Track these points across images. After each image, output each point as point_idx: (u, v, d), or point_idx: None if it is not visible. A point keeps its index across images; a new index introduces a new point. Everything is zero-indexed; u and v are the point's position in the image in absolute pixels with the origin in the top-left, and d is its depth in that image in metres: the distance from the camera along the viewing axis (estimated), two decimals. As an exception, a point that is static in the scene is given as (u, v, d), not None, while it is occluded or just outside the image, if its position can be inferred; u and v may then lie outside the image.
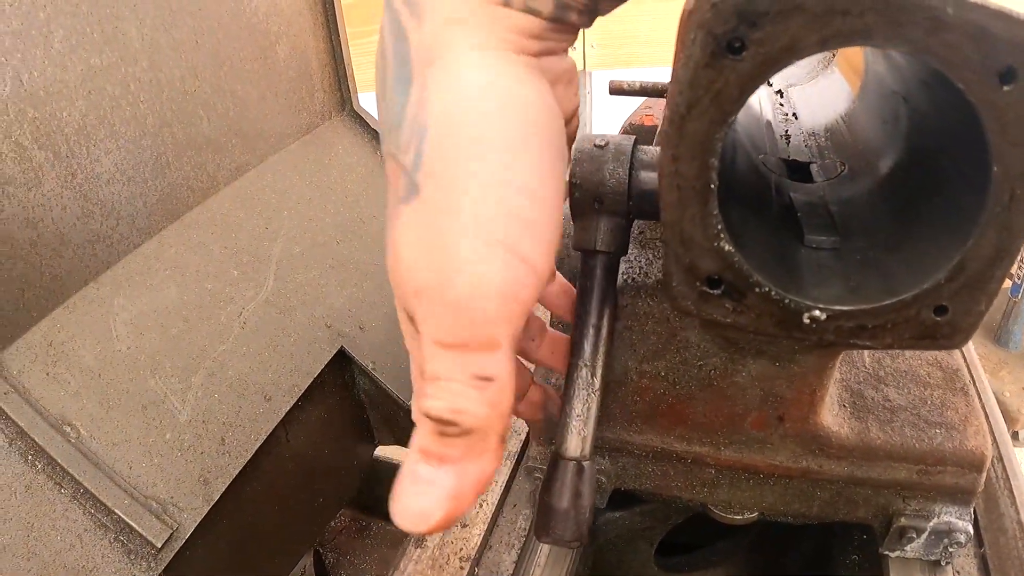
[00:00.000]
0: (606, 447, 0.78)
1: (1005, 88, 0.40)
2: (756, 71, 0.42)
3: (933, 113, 0.53)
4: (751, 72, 0.42)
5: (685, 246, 0.49)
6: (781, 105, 0.91)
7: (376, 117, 1.64)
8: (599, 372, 0.63)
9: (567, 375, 0.64)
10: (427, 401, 0.46)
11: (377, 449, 1.63)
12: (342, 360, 1.38)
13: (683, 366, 0.71)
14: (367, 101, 1.66)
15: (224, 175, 1.33)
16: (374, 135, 1.65)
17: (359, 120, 1.65)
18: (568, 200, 0.62)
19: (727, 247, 0.48)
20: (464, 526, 0.85)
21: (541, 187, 0.45)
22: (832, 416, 0.71)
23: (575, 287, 0.66)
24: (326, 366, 1.32)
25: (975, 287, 0.46)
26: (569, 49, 0.52)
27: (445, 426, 0.46)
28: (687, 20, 0.41)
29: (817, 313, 0.49)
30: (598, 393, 0.63)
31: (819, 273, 0.55)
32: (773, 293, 0.49)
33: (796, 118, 0.87)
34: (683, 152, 0.45)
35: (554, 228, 0.47)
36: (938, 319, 0.48)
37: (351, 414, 1.48)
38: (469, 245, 0.43)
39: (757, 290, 0.49)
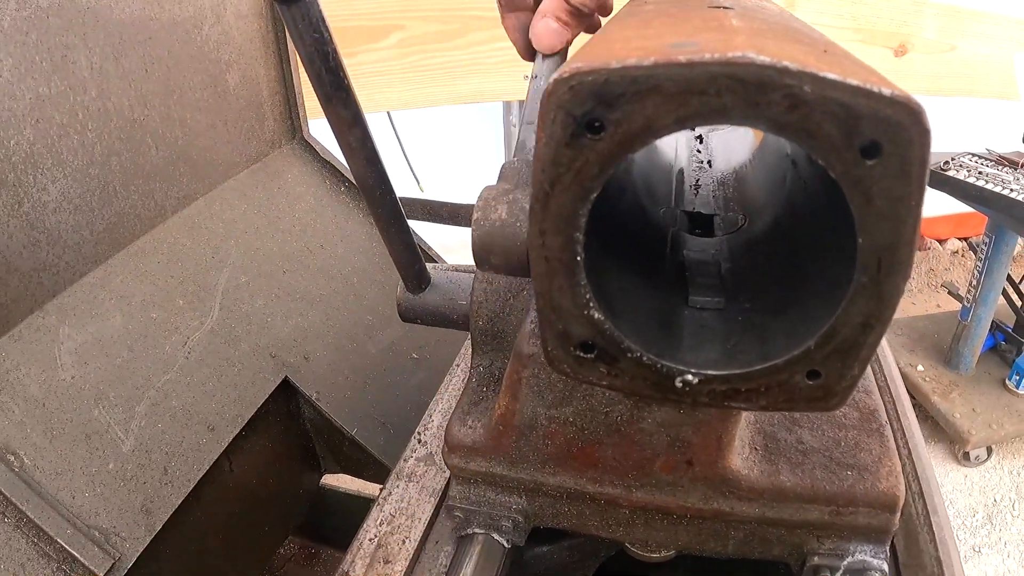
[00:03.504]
0: (522, 487, 0.82)
1: (869, 163, 0.41)
2: (615, 150, 0.44)
3: (814, 180, 0.56)
4: (611, 151, 0.44)
5: (556, 313, 0.52)
6: (699, 152, 0.95)
7: (325, 146, 1.69)
8: None
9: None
10: None
11: (324, 477, 1.67)
12: (286, 390, 1.43)
13: (590, 412, 0.74)
14: (317, 129, 1.70)
15: (172, 204, 1.37)
16: (324, 164, 1.70)
17: (309, 149, 1.70)
18: None
19: (597, 315, 0.51)
20: (387, 562, 0.90)
21: None
22: (742, 459, 0.74)
23: None
24: (270, 396, 1.36)
25: (847, 353, 0.49)
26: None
27: None
28: (547, 100, 0.43)
29: (689, 377, 0.52)
30: None
31: (699, 334, 0.58)
32: (645, 358, 0.52)
33: (710, 166, 0.91)
34: (548, 227, 0.48)
35: None
36: (811, 383, 0.51)
37: (296, 443, 1.52)
38: None
39: (629, 355, 0.52)
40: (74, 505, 1.04)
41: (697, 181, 0.86)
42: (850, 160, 0.42)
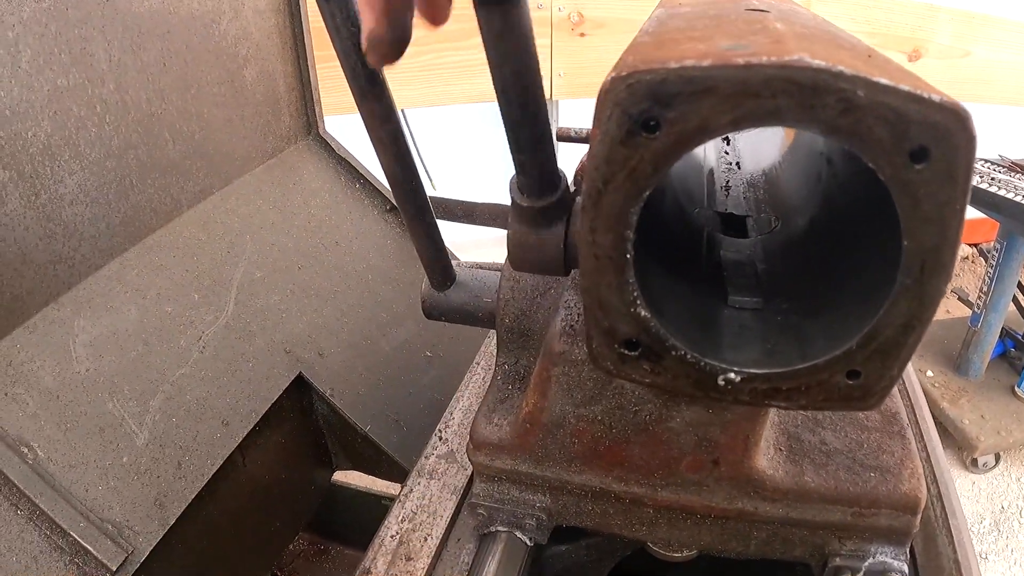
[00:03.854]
0: (547, 485, 0.82)
1: (917, 167, 0.42)
2: (670, 149, 0.44)
3: (852, 181, 0.56)
4: (665, 150, 0.44)
5: (603, 311, 0.52)
6: (727, 153, 0.95)
7: (341, 143, 1.69)
8: None
9: None
10: None
11: (335, 474, 1.67)
12: (301, 386, 1.43)
13: (619, 411, 0.75)
14: (333, 126, 1.70)
15: (188, 198, 1.37)
16: (340, 160, 1.71)
17: (325, 145, 1.71)
18: None
19: (643, 313, 0.51)
20: (409, 559, 0.90)
21: None
22: (767, 460, 0.75)
23: None
24: (284, 391, 1.37)
25: (887, 353, 0.49)
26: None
27: None
28: (603, 98, 0.44)
29: (732, 376, 0.52)
30: None
31: (739, 334, 0.59)
32: (689, 356, 0.53)
33: (739, 167, 0.91)
34: (600, 224, 0.48)
35: None
36: (851, 383, 0.51)
37: (309, 439, 1.53)
38: None
39: (673, 353, 0.53)
40: (87, 498, 1.05)
41: (727, 182, 0.87)
42: (899, 164, 0.42)
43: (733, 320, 0.61)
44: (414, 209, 0.77)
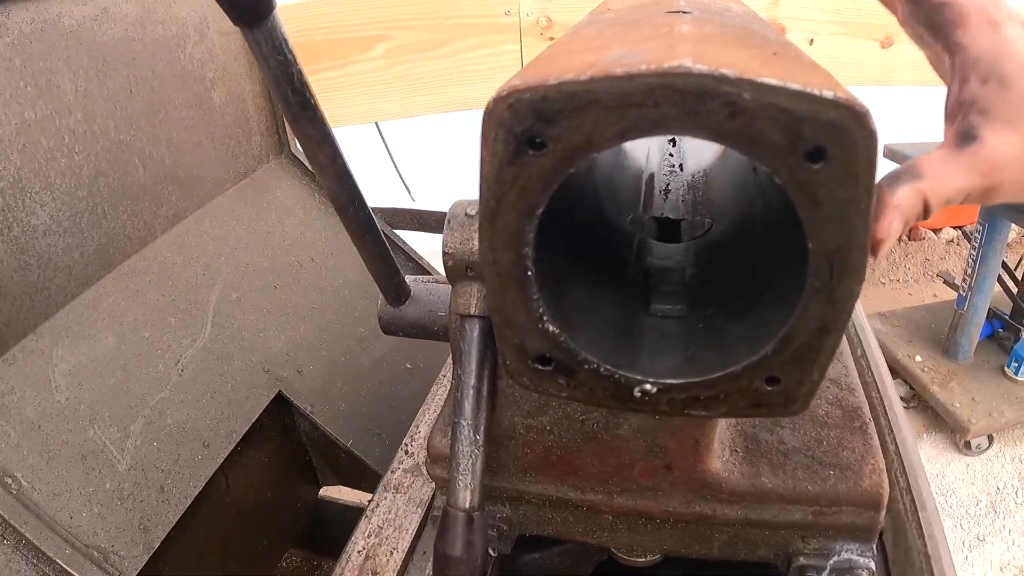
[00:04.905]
0: (505, 496, 0.83)
1: (814, 167, 0.41)
2: (558, 165, 0.44)
3: (770, 182, 0.55)
4: (553, 166, 0.45)
5: (511, 328, 0.52)
6: (671, 155, 0.95)
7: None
8: (482, 429, 0.70)
9: (451, 433, 0.71)
10: None
11: (322, 489, 1.69)
12: (281, 404, 1.44)
13: (566, 421, 0.75)
14: (304, 143, 1.71)
15: (161, 223, 1.39)
16: (312, 177, 1.72)
17: (297, 163, 1.72)
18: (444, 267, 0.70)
19: (552, 328, 0.52)
20: (376, 574, 0.91)
21: None
22: (722, 462, 0.75)
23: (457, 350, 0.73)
24: (265, 410, 1.38)
25: (805, 358, 0.49)
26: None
27: None
28: (488, 119, 0.44)
29: (648, 387, 0.52)
30: (482, 448, 0.70)
31: (660, 342, 0.59)
32: (603, 369, 0.53)
33: (681, 170, 0.91)
34: (497, 243, 0.48)
35: None
36: (771, 389, 0.51)
37: (293, 456, 1.54)
38: None
39: (587, 367, 0.53)
40: (72, 525, 1.06)
41: (667, 186, 0.86)
42: (795, 165, 0.42)
43: (655, 328, 0.61)
44: (360, 228, 0.78)
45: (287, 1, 2.28)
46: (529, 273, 0.49)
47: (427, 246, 2.04)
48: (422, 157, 3.18)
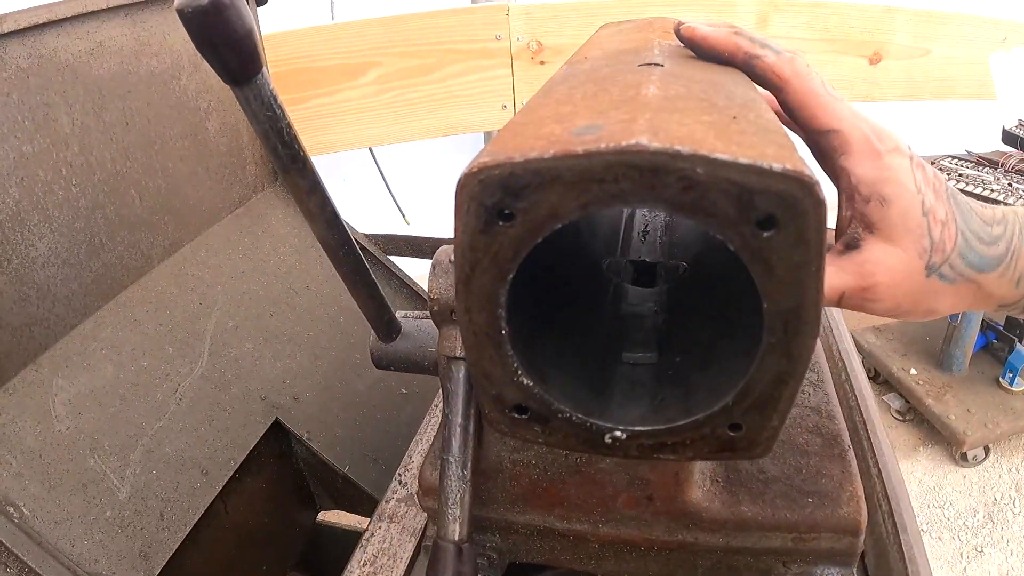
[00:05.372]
0: (494, 526, 0.85)
1: (765, 235, 0.43)
2: (526, 235, 0.47)
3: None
4: (522, 235, 0.47)
5: (489, 381, 0.54)
6: None
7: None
8: (468, 465, 0.74)
9: (440, 469, 0.75)
10: None
11: (319, 514, 1.70)
12: (278, 431, 1.46)
13: (551, 455, 0.78)
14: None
15: (158, 253, 1.41)
16: (306, 204, 1.73)
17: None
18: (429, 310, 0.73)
19: (526, 381, 0.54)
20: (370, 602, 0.94)
21: None
22: (702, 492, 0.77)
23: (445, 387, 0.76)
24: (262, 438, 1.40)
25: (765, 406, 0.51)
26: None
27: None
28: (460, 192, 0.46)
29: (617, 434, 0.54)
30: (469, 483, 0.73)
31: (630, 390, 0.61)
32: (575, 418, 0.55)
33: (636, 210, 0.92)
34: (472, 304, 0.50)
35: None
36: (734, 435, 0.53)
37: (290, 482, 1.56)
38: None
39: (560, 416, 0.55)
40: (74, 553, 1.07)
41: (646, 227, 0.88)
42: (747, 233, 0.43)
43: (626, 377, 0.63)
44: (351, 271, 0.81)
45: (279, 29, 2.31)
46: (503, 332, 0.51)
47: (420, 270, 2.07)
48: (416, 181, 3.20)
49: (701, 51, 0.67)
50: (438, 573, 0.72)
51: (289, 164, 0.67)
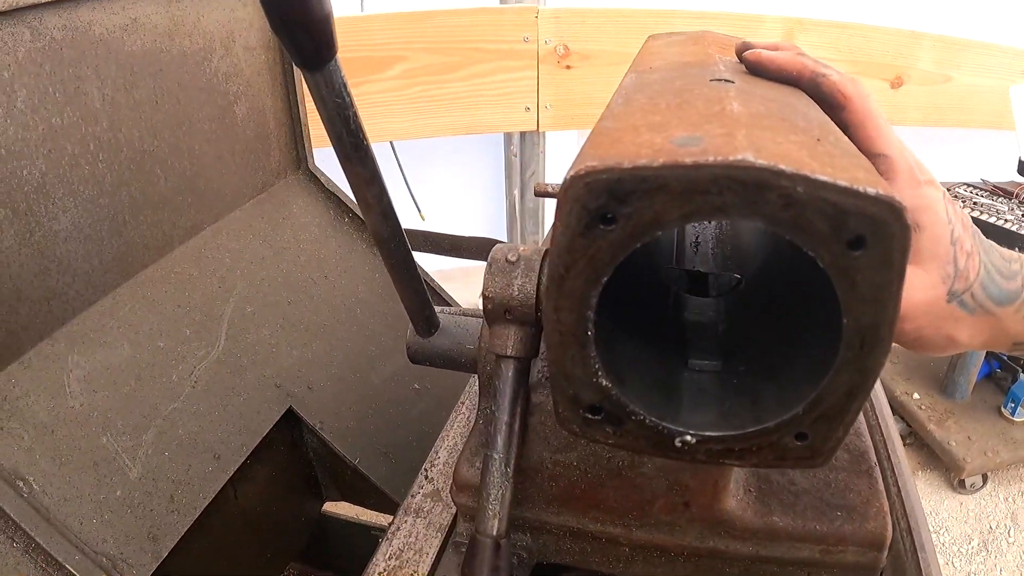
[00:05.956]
0: (527, 525, 0.86)
1: (854, 254, 0.45)
2: (626, 240, 0.48)
3: (800, 260, 0.58)
4: (621, 241, 0.48)
5: (568, 381, 0.56)
6: None
7: (331, 176, 1.72)
8: (511, 463, 0.74)
9: (483, 464, 0.75)
10: None
11: (325, 505, 1.70)
12: (290, 419, 1.46)
13: (593, 457, 0.79)
14: (322, 159, 1.73)
15: (179, 234, 1.40)
16: (328, 194, 1.74)
17: (314, 179, 1.74)
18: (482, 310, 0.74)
19: (605, 382, 0.55)
20: (396, 598, 0.94)
21: None
22: (736, 501, 0.78)
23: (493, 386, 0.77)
24: (275, 425, 1.39)
25: (832, 418, 0.53)
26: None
27: None
28: (564, 194, 0.47)
29: (688, 438, 0.56)
30: (511, 481, 0.74)
31: (698, 396, 0.62)
32: (648, 420, 0.56)
33: (710, 222, 0.95)
34: (563, 305, 0.52)
35: None
36: (799, 444, 0.55)
37: (299, 471, 1.55)
38: None
39: (633, 418, 0.56)
40: (82, 531, 1.07)
41: (697, 238, 0.90)
42: (837, 251, 0.45)
43: (693, 383, 0.65)
44: (399, 264, 0.81)
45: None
46: (590, 333, 0.52)
47: (433, 264, 2.06)
48: (434, 177, 3.20)
49: (767, 73, 0.69)
50: (475, 567, 0.72)
51: (352, 152, 0.66)
